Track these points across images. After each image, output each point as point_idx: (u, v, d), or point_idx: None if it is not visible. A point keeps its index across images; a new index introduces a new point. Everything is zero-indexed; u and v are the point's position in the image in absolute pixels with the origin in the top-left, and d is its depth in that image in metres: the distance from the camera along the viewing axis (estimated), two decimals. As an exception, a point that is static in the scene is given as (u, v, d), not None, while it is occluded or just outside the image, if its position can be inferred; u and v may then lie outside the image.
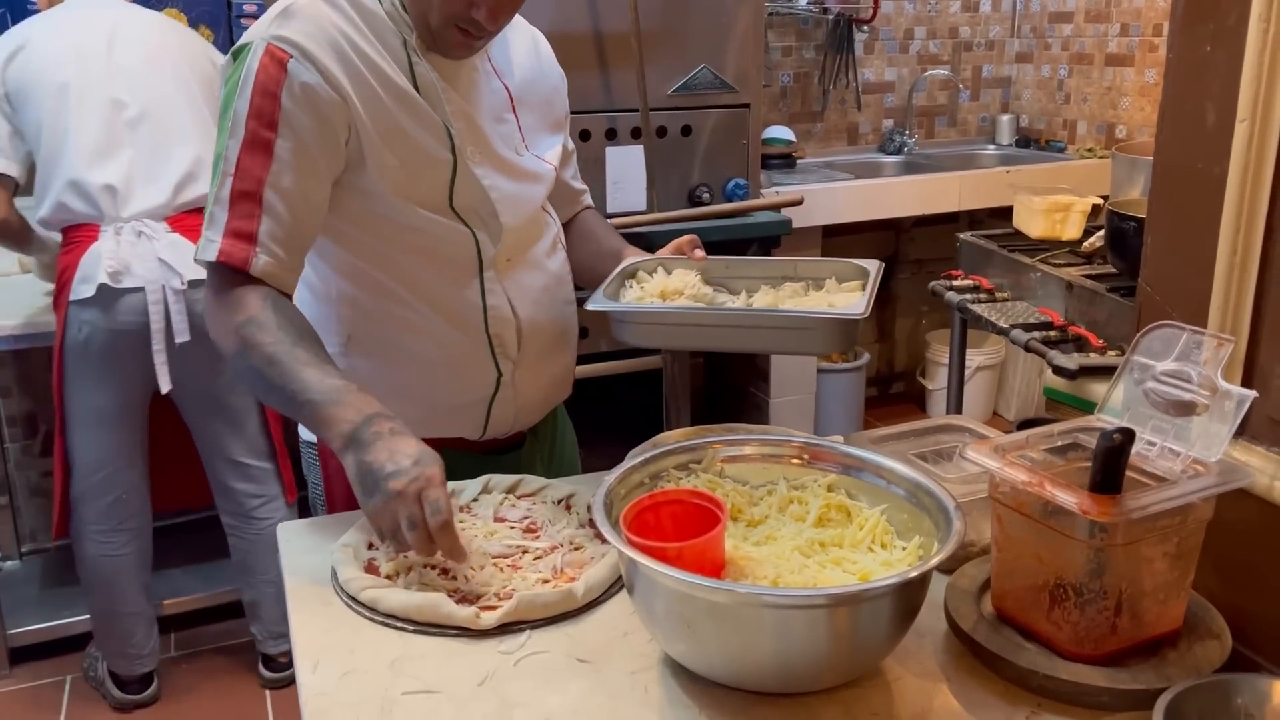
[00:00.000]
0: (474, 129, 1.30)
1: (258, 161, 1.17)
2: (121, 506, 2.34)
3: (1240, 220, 0.95)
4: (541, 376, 1.42)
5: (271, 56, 1.17)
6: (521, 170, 1.36)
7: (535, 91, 1.42)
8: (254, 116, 1.16)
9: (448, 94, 1.27)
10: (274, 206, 1.17)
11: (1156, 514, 0.89)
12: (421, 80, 1.25)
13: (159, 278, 2.17)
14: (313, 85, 1.17)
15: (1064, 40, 3.85)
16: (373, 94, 1.21)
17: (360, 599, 1.07)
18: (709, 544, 0.92)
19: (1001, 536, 0.99)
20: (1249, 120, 0.93)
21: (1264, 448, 0.96)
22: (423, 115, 1.24)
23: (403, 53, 1.24)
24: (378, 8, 1.24)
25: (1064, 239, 2.47)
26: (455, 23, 1.20)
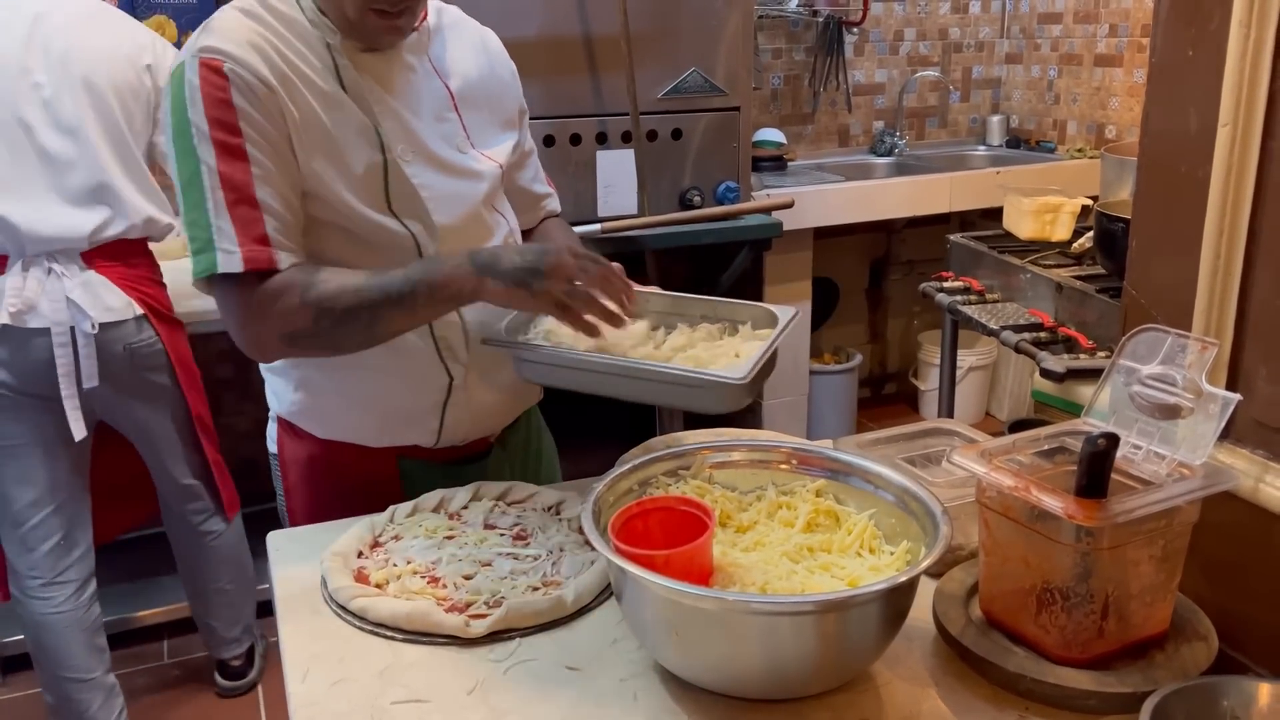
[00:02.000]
0: (407, 128, 1.29)
1: (238, 168, 1.16)
2: (63, 554, 2.20)
3: (1224, 224, 0.95)
4: (496, 381, 1.39)
5: (208, 68, 1.16)
6: (460, 168, 1.34)
7: (482, 89, 1.40)
8: (215, 127, 1.16)
9: (376, 94, 1.27)
10: (270, 204, 1.18)
11: (1142, 517, 0.89)
12: (349, 82, 1.24)
13: (67, 319, 2.03)
14: (252, 84, 1.17)
15: (1053, 41, 3.87)
16: (301, 98, 1.21)
17: (350, 608, 1.07)
18: (697, 551, 0.92)
19: (989, 541, 0.99)
20: (1231, 125, 0.93)
21: (1249, 450, 0.96)
22: (350, 116, 1.24)
23: (328, 56, 1.24)
24: (298, 14, 1.24)
25: (1054, 240, 2.48)
26: (369, 6, 1.20)
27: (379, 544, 1.20)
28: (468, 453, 1.43)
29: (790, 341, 3.39)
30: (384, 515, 1.25)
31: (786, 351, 3.38)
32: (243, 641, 2.55)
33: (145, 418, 2.25)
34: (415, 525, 1.23)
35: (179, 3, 2.84)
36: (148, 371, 2.19)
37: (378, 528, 1.23)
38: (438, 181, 1.31)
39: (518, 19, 2.58)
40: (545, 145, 2.67)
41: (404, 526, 1.23)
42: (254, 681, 2.59)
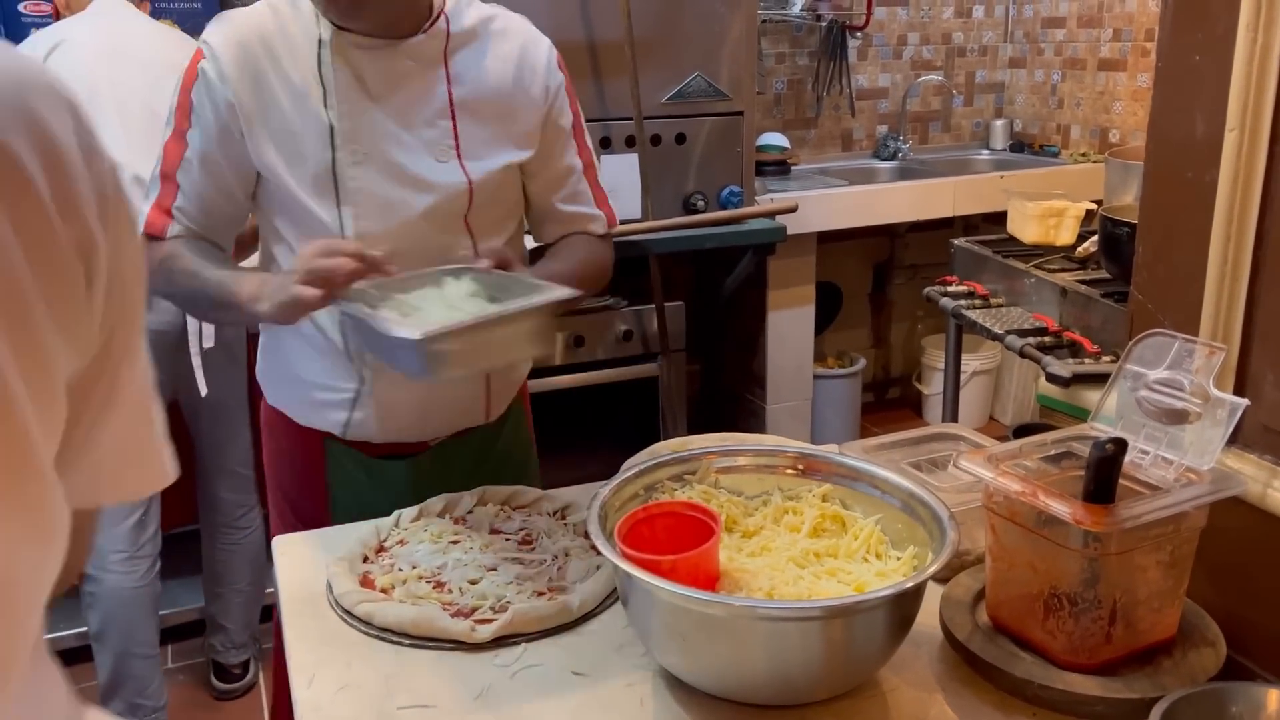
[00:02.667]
0: (372, 129, 1.31)
1: (177, 149, 1.34)
2: (141, 530, 2.28)
3: (1230, 229, 0.95)
4: (411, 394, 1.40)
5: (195, 57, 1.32)
6: (416, 178, 1.33)
7: (495, 101, 1.37)
8: (178, 109, 1.34)
9: (354, 93, 1.30)
10: (185, 187, 1.34)
11: (1150, 523, 0.89)
12: (327, 79, 1.31)
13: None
14: (213, 82, 1.30)
15: (1057, 45, 3.86)
16: (270, 93, 1.30)
17: (355, 613, 1.07)
18: (703, 556, 0.92)
19: (995, 546, 0.99)
20: (1238, 129, 0.93)
21: (1257, 455, 0.96)
22: (312, 114, 1.30)
23: (315, 53, 1.31)
24: (310, 10, 1.32)
25: (1058, 244, 2.47)
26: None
27: (384, 549, 1.20)
28: (395, 451, 1.45)
29: (793, 345, 3.39)
30: (389, 520, 1.25)
31: (790, 355, 3.38)
32: (249, 646, 2.55)
33: (225, 395, 2.33)
34: (420, 530, 1.23)
35: (184, 9, 2.85)
36: (235, 348, 2.32)
37: (383, 532, 1.23)
38: (382, 187, 1.32)
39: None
40: (549, 150, 2.67)
41: (409, 531, 1.23)
42: (251, 684, 2.59)
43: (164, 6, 2.82)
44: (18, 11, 2.68)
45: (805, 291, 3.34)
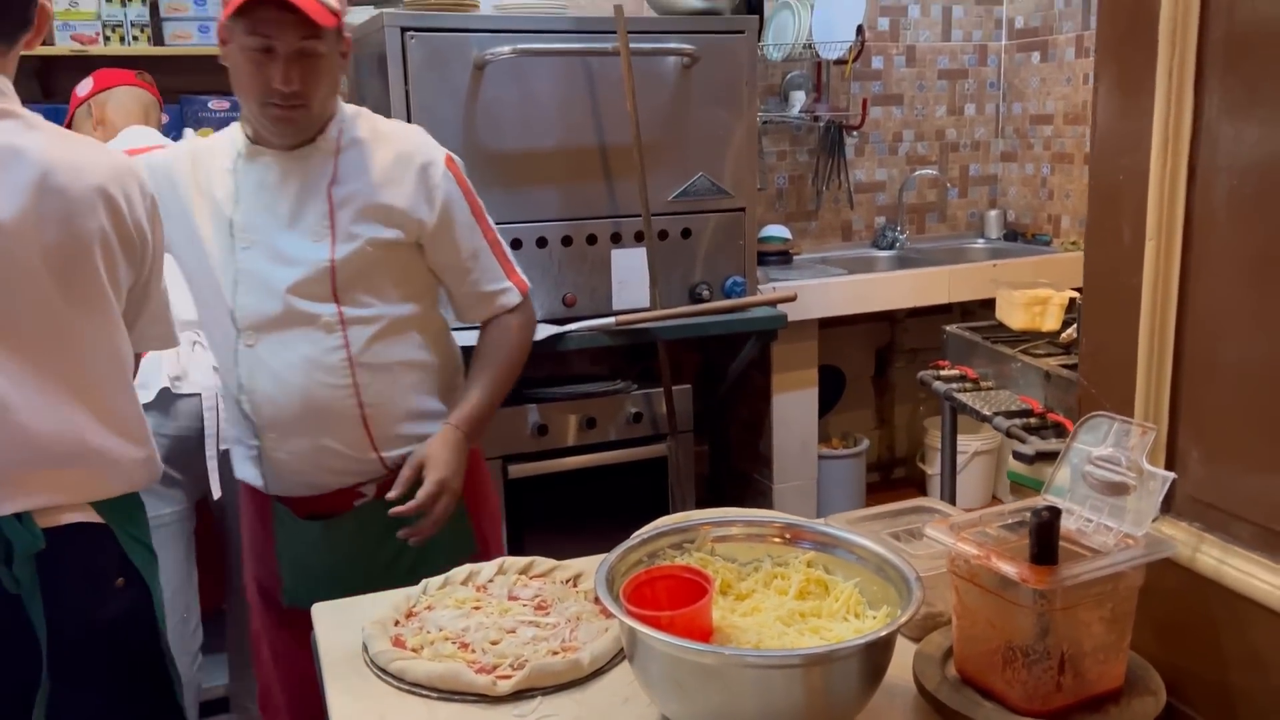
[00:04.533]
0: (262, 220, 1.61)
1: None
2: (184, 627, 2.37)
3: (1155, 324, 1.09)
4: (302, 447, 1.63)
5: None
6: (288, 257, 1.60)
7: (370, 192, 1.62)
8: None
9: (252, 195, 1.62)
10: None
11: (1089, 581, 1.01)
12: (238, 183, 1.63)
13: (214, 385, 2.27)
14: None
15: (1045, 140, 4.07)
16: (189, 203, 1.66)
17: (389, 670, 1.19)
18: (698, 612, 1.05)
19: (959, 605, 1.11)
20: (1156, 239, 1.08)
21: (1186, 523, 1.09)
22: (218, 212, 1.63)
23: (232, 165, 1.64)
24: (235, 131, 1.66)
25: (1043, 330, 2.62)
26: (268, 101, 1.54)
27: (413, 613, 1.33)
28: (327, 509, 1.67)
29: (798, 426, 3.52)
30: (417, 588, 1.38)
31: (794, 436, 3.51)
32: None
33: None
34: (446, 596, 1.35)
35: (224, 116, 3.07)
36: None
37: (412, 599, 1.36)
38: (263, 266, 1.60)
39: (539, 131, 2.79)
40: (564, 245, 2.86)
41: (435, 598, 1.36)
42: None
43: (203, 115, 3.05)
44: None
45: (808, 375, 3.48)
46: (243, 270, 1.61)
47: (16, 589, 1.31)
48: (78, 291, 1.34)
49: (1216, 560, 1.05)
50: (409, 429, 1.68)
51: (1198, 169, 1.04)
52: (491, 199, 2.81)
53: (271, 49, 1.50)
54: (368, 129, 1.67)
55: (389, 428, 1.66)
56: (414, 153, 1.67)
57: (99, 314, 1.37)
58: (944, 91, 4.17)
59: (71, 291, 1.33)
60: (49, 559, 1.32)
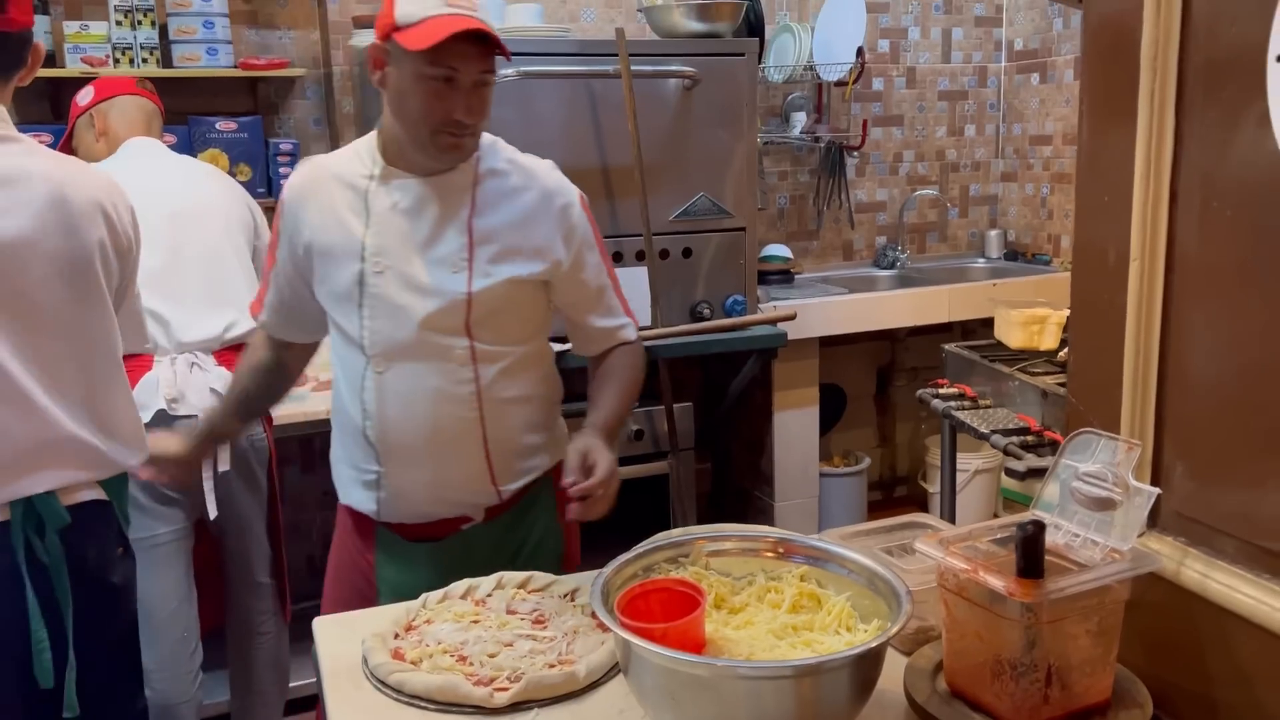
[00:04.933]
0: (397, 246, 1.57)
1: (271, 257, 1.71)
2: (183, 647, 2.38)
3: (1139, 343, 1.11)
4: (422, 477, 1.62)
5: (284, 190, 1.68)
6: (427, 286, 1.56)
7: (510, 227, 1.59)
8: (273, 230, 1.70)
9: (386, 217, 1.57)
10: (272, 285, 1.72)
11: (1075, 594, 1.03)
12: (371, 206, 1.58)
13: (210, 407, 2.27)
14: (287, 213, 1.65)
15: (1045, 161, 4.10)
16: (322, 221, 1.61)
17: (388, 682, 1.21)
18: (690, 625, 1.07)
19: (949, 619, 1.13)
20: (1140, 260, 1.10)
21: (1171, 538, 1.11)
22: (350, 235, 1.58)
23: (364, 185, 1.59)
24: (365, 149, 1.62)
25: (1041, 349, 2.64)
26: (441, 129, 1.50)
27: (413, 627, 1.35)
28: (432, 534, 1.66)
29: (799, 444, 3.54)
30: (417, 602, 1.40)
31: (795, 454, 3.53)
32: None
33: (246, 511, 2.43)
34: (445, 610, 1.37)
35: (231, 138, 3.11)
36: (257, 465, 2.42)
37: (412, 613, 1.37)
38: (396, 294, 1.57)
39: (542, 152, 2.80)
40: (565, 264, 2.89)
41: (435, 612, 1.38)
42: None
43: (211, 136, 3.09)
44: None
45: (809, 393, 3.50)
46: (374, 295, 1.57)
47: (48, 560, 1.46)
48: (84, 293, 1.51)
49: (1201, 574, 1.06)
50: (522, 462, 1.68)
51: (1179, 192, 1.06)
52: (495, 219, 2.87)
53: (453, 79, 1.47)
54: (505, 160, 1.63)
55: (508, 461, 1.66)
56: (555, 192, 1.65)
57: (100, 311, 1.55)
58: (944, 112, 4.20)
59: (79, 293, 1.50)
60: (70, 532, 1.49)
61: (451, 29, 1.42)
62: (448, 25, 1.43)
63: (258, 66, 3.09)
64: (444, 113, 1.48)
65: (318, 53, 3.34)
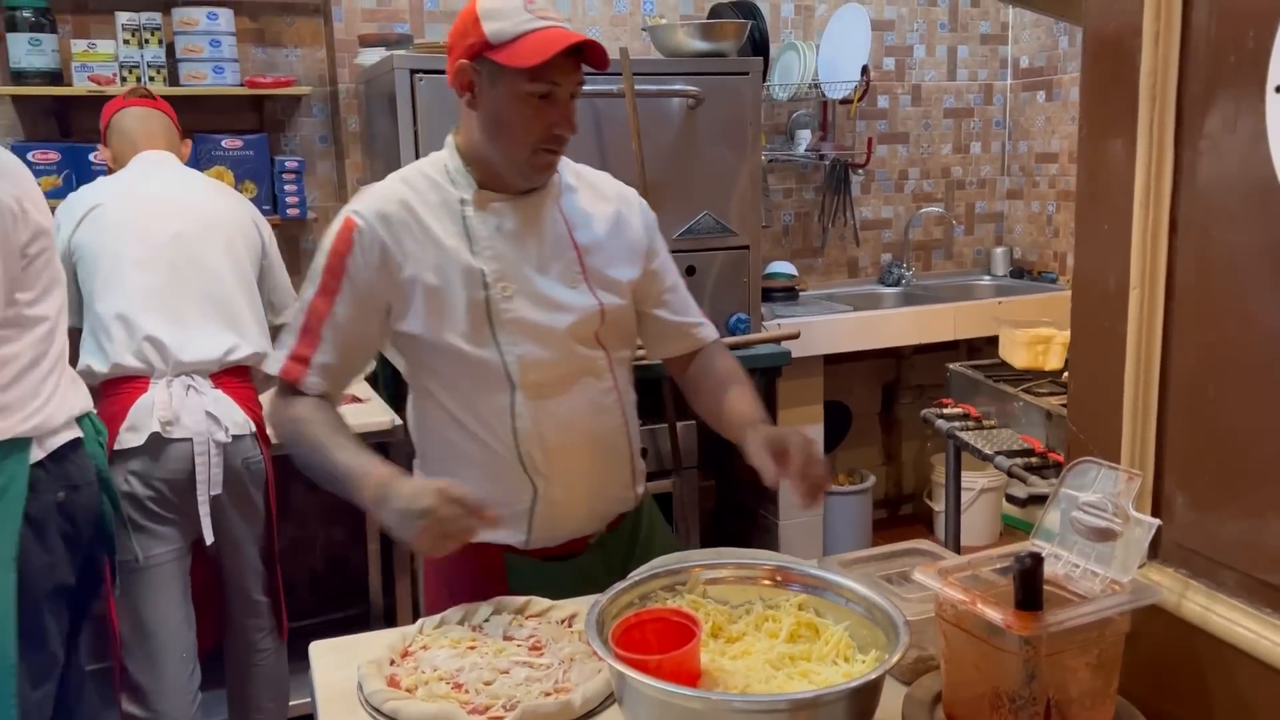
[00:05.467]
0: (515, 266, 1.52)
1: (324, 305, 1.49)
2: (183, 667, 2.37)
3: (1139, 371, 1.11)
4: (581, 491, 1.58)
5: (345, 226, 1.50)
6: (558, 303, 1.54)
7: (604, 236, 1.59)
8: (327, 271, 1.50)
9: (495, 238, 1.51)
10: (327, 342, 1.50)
11: (1074, 628, 1.02)
12: (472, 231, 1.51)
13: (205, 430, 2.28)
14: (368, 247, 1.48)
15: (1050, 178, 4.09)
16: (421, 252, 1.49)
17: (383, 710, 1.20)
18: (685, 656, 1.06)
19: (947, 650, 1.12)
20: (1140, 288, 1.09)
21: (1172, 569, 1.10)
22: (463, 264, 1.49)
23: (459, 210, 1.51)
24: (440, 175, 1.53)
25: (1046, 369, 2.63)
26: (540, 146, 1.47)
27: (409, 653, 1.34)
28: (565, 551, 1.60)
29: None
30: (414, 627, 1.39)
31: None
32: None
33: (240, 533, 2.42)
34: (442, 636, 1.37)
35: (237, 155, 3.12)
36: (253, 487, 2.41)
37: (408, 638, 1.37)
38: (533, 315, 1.52)
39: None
40: (569, 282, 2.89)
41: (431, 638, 1.37)
42: None
43: (216, 154, 3.10)
44: (88, 161, 2.96)
45: (814, 411, 3.49)
46: (510, 321, 1.50)
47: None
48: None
49: (1202, 607, 1.05)
50: (641, 461, 1.70)
51: (1179, 220, 1.06)
52: (498, 237, 2.87)
53: (552, 94, 1.44)
54: (572, 173, 1.63)
55: (638, 461, 1.68)
56: (628, 197, 1.67)
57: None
58: (950, 130, 4.20)
59: None
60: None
61: (559, 44, 1.39)
62: (552, 40, 1.39)
63: (264, 85, 3.11)
64: (545, 128, 1.45)
65: (324, 70, 3.36)
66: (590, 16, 3.55)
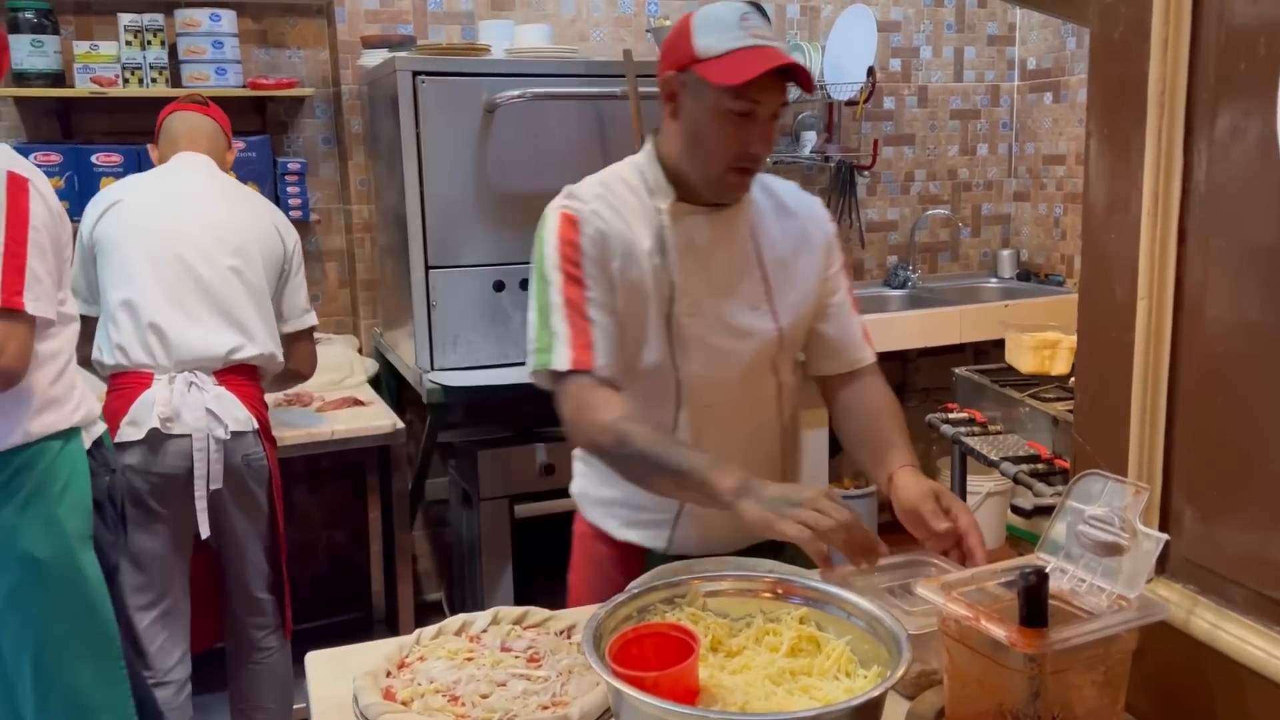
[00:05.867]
0: (702, 286, 1.51)
1: (576, 291, 1.47)
2: (166, 655, 2.38)
3: (1147, 383, 1.08)
4: (725, 517, 1.49)
5: (565, 219, 1.50)
6: (739, 328, 1.53)
7: (791, 256, 1.57)
8: (564, 261, 1.48)
9: (686, 256, 1.51)
10: (597, 320, 1.47)
11: (1080, 645, 1.00)
12: (667, 243, 1.50)
13: (205, 427, 2.29)
14: (592, 234, 1.48)
15: (1058, 180, 4.07)
16: (623, 249, 1.49)
17: (378, 723, 1.19)
18: (683, 673, 1.04)
19: (950, 666, 1.10)
20: (1147, 298, 1.07)
21: (1181, 585, 1.07)
22: (654, 273, 1.50)
23: (656, 219, 1.51)
24: (637, 181, 1.54)
25: (1053, 374, 2.61)
26: (735, 165, 1.46)
27: (406, 664, 1.32)
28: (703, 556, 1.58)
29: (809, 466, 3.50)
30: (411, 637, 1.38)
31: (806, 476, 3.48)
32: None
33: (242, 529, 2.43)
34: (439, 647, 1.35)
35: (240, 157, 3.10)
36: (255, 484, 2.41)
37: (405, 649, 1.35)
38: (711, 336, 1.52)
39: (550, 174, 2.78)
40: (572, 285, 2.87)
41: (428, 648, 1.35)
42: None
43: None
44: (90, 163, 2.96)
45: (819, 414, 3.44)
46: (689, 338, 1.52)
47: None
48: None
49: (1211, 625, 1.03)
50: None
51: (1188, 230, 1.04)
52: (502, 241, 2.85)
53: (752, 113, 1.43)
54: (760, 187, 1.60)
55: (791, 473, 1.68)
56: (816, 212, 1.65)
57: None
58: (956, 131, 4.18)
59: None
60: None
61: (764, 65, 1.38)
62: (758, 60, 1.38)
63: (266, 86, 3.10)
64: (741, 147, 1.44)
65: (327, 72, 3.35)
66: (595, 18, 3.54)
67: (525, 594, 2.87)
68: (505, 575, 2.86)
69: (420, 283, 2.75)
